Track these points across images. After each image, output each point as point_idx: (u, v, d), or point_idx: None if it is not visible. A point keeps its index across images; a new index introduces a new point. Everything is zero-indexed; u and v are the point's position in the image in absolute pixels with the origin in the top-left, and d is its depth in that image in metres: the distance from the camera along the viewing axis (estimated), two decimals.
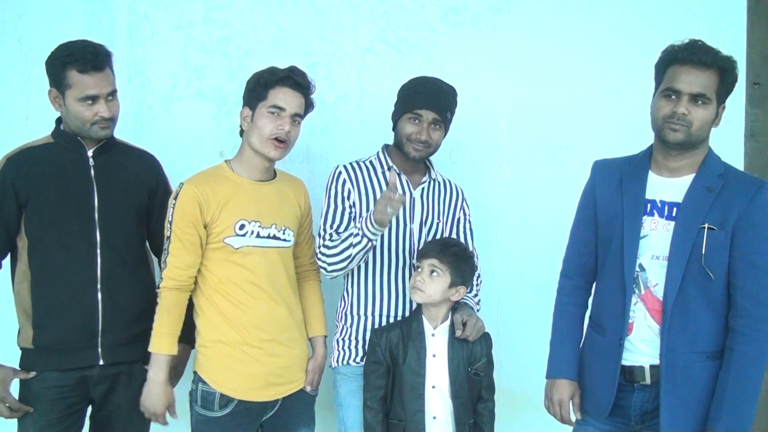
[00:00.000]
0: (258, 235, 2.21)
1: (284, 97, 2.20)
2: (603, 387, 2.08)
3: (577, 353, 2.22)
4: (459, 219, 2.50)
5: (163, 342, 2.16)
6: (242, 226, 2.18)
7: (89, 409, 2.34)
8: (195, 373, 2.23)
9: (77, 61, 2.15)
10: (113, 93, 2.24)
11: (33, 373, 2.20)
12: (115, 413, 2.31)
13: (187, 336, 2.35)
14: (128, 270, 2.29)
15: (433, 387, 2.20)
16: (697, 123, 1.94)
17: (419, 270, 2.23)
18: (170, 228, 2.17)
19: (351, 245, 2.23)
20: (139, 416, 2.31)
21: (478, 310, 2.40)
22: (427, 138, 2.32)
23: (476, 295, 2.45)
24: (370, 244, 2.22)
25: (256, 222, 2.20)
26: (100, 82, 2.18)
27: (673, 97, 1.96)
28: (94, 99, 2.18)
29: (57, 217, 2.20)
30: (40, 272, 2.22)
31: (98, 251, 2.23)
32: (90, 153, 2.26)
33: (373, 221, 2.17)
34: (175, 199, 2.17)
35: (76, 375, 2.22)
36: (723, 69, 1.95)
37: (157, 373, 2.16)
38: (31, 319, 2.22)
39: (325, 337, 2.44)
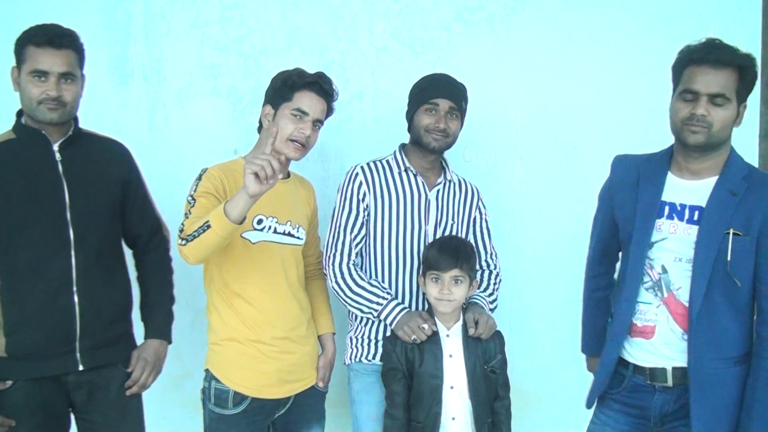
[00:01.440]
0: (275, 231, 2.22)
1: (309, 102, 2.21)
2: (600, 373, 2.13)
3: (604, 330, 2.25)
4: (475, 218, 2.51)
5: (218, 214, 1.94)
6: (260, 221, 2.19)
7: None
8: (207, 371, 2.23)
9: (36, 35, 2.06)
10: (70, 76, 2.09)
11: (9, 382, 2.08)
12: (103, 420, 2.22)
13: (161, 331, 2.33)
14: (104, 269, 2.20)
15: (452, 388, 2.19)
16: (718, 124, 1.89)
17: (438, 282, 2.21)
18: (193, 199, 2.11)
19: (364, 308, 2.31)
20: (129, 420, 2.29)
21: (492, 310, 2.41)
22: (446, 127, 2.33)
23: (491, 294, 2.44)
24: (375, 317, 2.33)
25: (273, 218, 2.22)
26: (54, 59, 2.06)
27: (691, 98, 1.91)
28: (44, 75, 2.05)
29: (26, 218, 2.08)
30: (10, 277, 2.10)
31: (72, 251, 2.12)
32: (56, 147, 2.14)
33: (392, 323, 2.26)
34: (199, 179, 2.15)
35: (54, 381, 2.12)
36: (742, 67, 1.90)
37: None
38: (2, 327, 2.11)
39: (334, 334, 2.45)
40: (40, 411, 2.11)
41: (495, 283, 2.49)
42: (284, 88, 2.22)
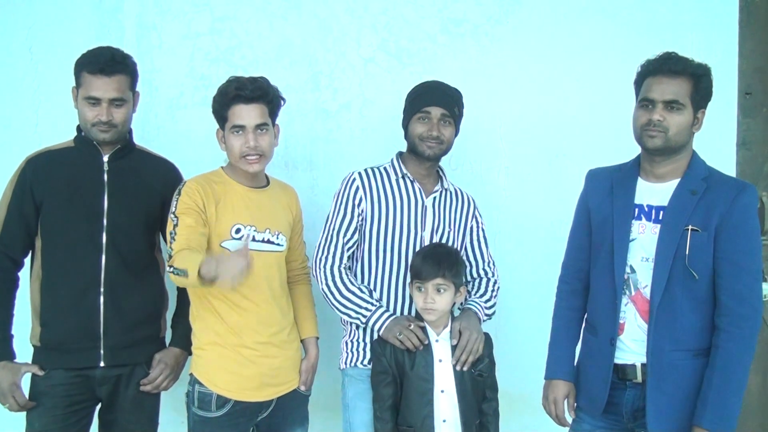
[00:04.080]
0: (253, 239, 2.24)
1: (240, 114, 2.22)
2: (597, 385, 2.15)
3: (573, 355, 2.29)
4: (472, 228, 2.54)
5: (194, 272, 1.96)
6: (238, 230, 2.22)
7: (98, 407, 2.38)
8: (191, 375, 2.27)
9: (90, 63, 2.23)
10: (120, 101, 2.26)
11: (42, 372, 2.26)
12: (120, 416, 2.35)
13: (184, 342, 2.41)
14: (132, 275, 2.32)
15: (442, 391, 2.22)
16: (674, 128, 2.03)
17: (422, 291, 2.24)
18: (175, 216, 2.16)
19: (352, 314, 2.32)
20: (142, 419, 2.38)
21: (489, 316, 2.43)
22: (439, 134, 2.35)
23: (489, 300, 2.45)
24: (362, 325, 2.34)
25: (251, 226, 2.25)
26: (105, 87, 2.23)
27: (649, 106, 2.06)
28: (96, 101, 2.23)
29: (67, 218, 2.26)
30: (49, 272, 2.28)
31: (103, 255, 2.28)
32: (105, 158, 2.31)
33: (381, 331, 2.27)
34: (179, 194, 2.20)
35: (80, 374, 2.27)
36: (695, 75, 2.04)
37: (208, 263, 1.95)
38: (39, 317, 2.29)
39: (317, 338, 2.48)
40: (64, 401, 2.26)
41: (493, 290, 2.49)
42: (219, 110, 2.27)
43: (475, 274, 2.53)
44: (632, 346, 2.10)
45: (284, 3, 2.95)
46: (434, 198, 2.45)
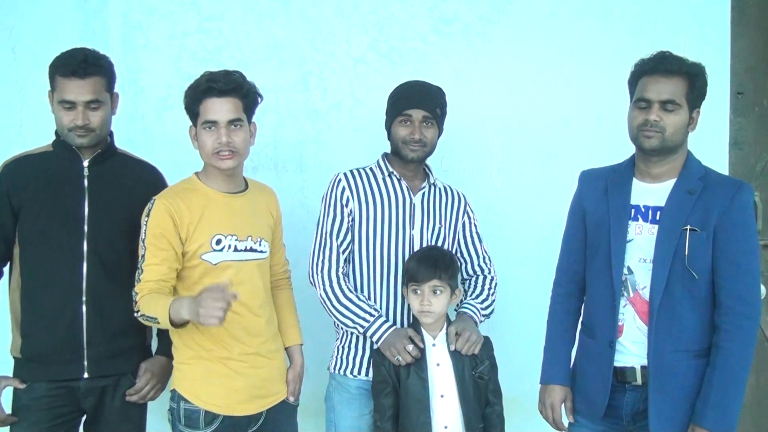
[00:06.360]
0: (235, 249, 2.17)
1: (213, 108, 2.11)
2: (596, 389, 2.13)
3: (569, 359, 2.28)
4: (464, 223, 2.51)
5: (164, 316, 2.00)
6: (219, 241, 2.14)
7: (84, 419, 2.32)
8: (174, 391, 2.19)
9: (62, 65, 2.15)
10: (95, 102, 2.18)
11: (23, 385, 2.20)
12: (106, 428, 2.29)
13: (171, 350, 2.33)
14: (115, 283, 2.24)
15: (442, 396, 2.19)
16: (670, 128, 2.02)
17: (418, 293, 2.22)
18: (144, 246, 2.09)
19: (349, 323, 2.29)
20: (129, 430, 2.33)
21: (487, 316, 2.41)
22: (421, 137, 2.34)
23: (485, 300, 2.42)
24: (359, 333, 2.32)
25: (232, 236, 2.16)
26: (79, 89, 2.14)
27: (645, 106, 2.04)
28: (71, 104, 2.15)
29: (46, 225, 2.19)
30: (29, 281, 2.21)
31: (84, 263, 2.20)
32: (86, 163, 2.24)
33: (379, 342, 2.25)
34: (148, 216, 2.10)
35: (64, 386, 2.20)
36: (690, 75, 2.03)
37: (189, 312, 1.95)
38: (20, 328, 2.22)
39: (301, 345, 2.43)
40: (48, 414, 2.19)
41: (490, 288, 2.47)
42: (190, 105, 2.16)
43: (470, 272, 2.50)
44: (632, 348, 2.09)
45: (273, 2, 2.92)
46: (423, 194, 2.43)
